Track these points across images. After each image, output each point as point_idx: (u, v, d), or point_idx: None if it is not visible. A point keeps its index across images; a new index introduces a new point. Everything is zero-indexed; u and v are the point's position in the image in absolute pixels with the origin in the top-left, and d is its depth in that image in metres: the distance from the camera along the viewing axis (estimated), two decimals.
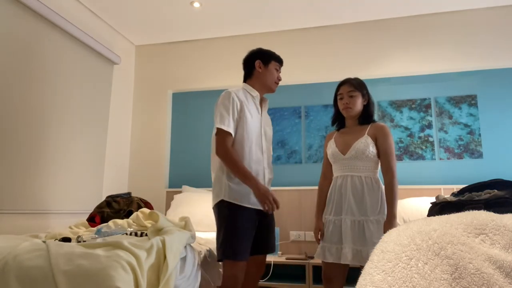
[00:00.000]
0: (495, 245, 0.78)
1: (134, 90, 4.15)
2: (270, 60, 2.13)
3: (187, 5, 3.45)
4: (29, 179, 2.69)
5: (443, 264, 0.72)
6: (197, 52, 4.06)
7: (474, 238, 0.79)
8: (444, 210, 1.83)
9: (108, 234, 1.87)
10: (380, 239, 0.84)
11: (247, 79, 2.14)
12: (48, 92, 2.90)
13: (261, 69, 2.10)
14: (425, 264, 0.72)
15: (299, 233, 3.38)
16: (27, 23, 2.74)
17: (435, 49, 3.51)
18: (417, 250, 0.75)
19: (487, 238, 0.79)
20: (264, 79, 2.11)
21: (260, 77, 2.11)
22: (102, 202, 2.53)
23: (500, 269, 0.72)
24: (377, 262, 0.74)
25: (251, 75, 2.12)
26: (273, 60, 2.14)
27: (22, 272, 1.37)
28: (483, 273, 0.70)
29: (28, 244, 1.50)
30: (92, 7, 3.45)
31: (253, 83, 2.11)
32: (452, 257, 0.73)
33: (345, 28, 3.74)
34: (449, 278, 0.70)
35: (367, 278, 0.71)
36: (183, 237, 1.88)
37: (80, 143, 3.22)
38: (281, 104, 3.76)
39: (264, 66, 2.11)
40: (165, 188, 3.82)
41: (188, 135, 3.94)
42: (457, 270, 0.71)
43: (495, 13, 3.45)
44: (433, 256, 0.73)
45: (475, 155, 3.28)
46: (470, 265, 0.72)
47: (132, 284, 1.37)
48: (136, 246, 1.53)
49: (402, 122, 3.46)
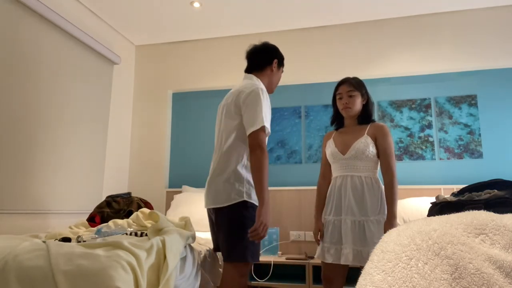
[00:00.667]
0: (495, 245, 0.78)
1: (134, 90, 4.15)
2: (282, 64, 2.13)
3: (187, 5, 3.45)
4: (29, 179, 2.69)
5: (443, 264, 0.72)
6: (197, 52, 4.06)
7: (474, 238, 0.79)
8: (444, 210, 1.83)
9: (108, 234, 1.87)
10: (380, 239, 0.84)
11: (254, 71, 2.05)
12: (48, 92, 2.90)
13: (275, 69, 2.07)
14: (425, 264, 0.72)
15: (299, 233, 3.38)
16: (27, 23, 2.74)
17: (435, 49, 3.51)
18: (417, 250, 0.75)
19: (487, 238, 0.79)
20: (273, 80, 2.09)
21: (271, 76, 2.07)
22: (102, 202, 2.53)
23: (500, 269, 0.72)
24: (377, 262, 0.74)
25: (261, 69, 2.05)
26: (283, 66, 2.15)
27: (22, 272, 1.37)
28: (483, 273, 0.70)
29: (28, 244, 1.50)
30: (92, 7, 3.45)
31: (262, 78, 2.04)
32: (452, 257, 0.73)
33: (345, 28, 3.74)
34: (449, 278, 0.70)
35: (367, 278, 0.71)
36: (183, 237, 1.88)
37: (80, 143, 3.22)
38: (281, 104, 3.76)
39: (278, 67, 2.09)
40: (165, 188, 3.82)
41: (188, 135, 3.94)
42: (457, 270, 0.71)
43: (495, 13, 3.45)
44: (433, 256, 0.73)
45: (475, 155, 3.28)
46: (470, 265, 0.72)
47: (132, 284, 1.37)
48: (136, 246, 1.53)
49: (402, 122, 3.46)
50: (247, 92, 1.88)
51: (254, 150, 1.80)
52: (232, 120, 1.92)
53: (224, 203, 1.85)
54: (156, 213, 2.05)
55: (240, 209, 1.84)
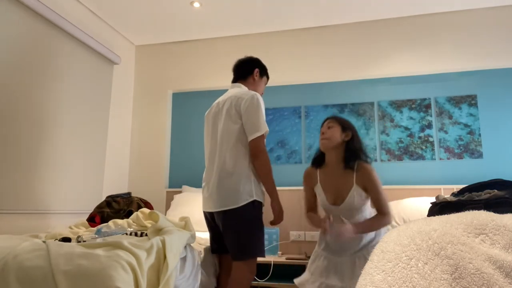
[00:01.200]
0: (495, 245, 0.78)
1: (134, 90, 4.15)
2: (265, 74, 2.32)
3: (187, 5, 3.45)
4: (29, 179, 2.69)
5: (443, 264, 0.72)
6: (197, 52, 4.06)
7: (474, 238, 0.79)
8: (444, 210, 1.83)
9: (108, 234, 1.87)
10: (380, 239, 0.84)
11: (240, 80, 2.26)
12: (47, 92, 2.90)
13: (257, 78, 2.26)
14: (425, 264, 0.72)
15: (299, 233, 3.38)
16: (27, 23, 2.74)
17: (435, 49, 3.51)
18: (417, 250, 0.75)
19: (487, 238, 0.79)
20: (257, 89, 2.26)
21: (254, 84, 2.26)
22: (102, 202, 2.53)
23: (500, 269, 0.72)
24: (377, 262, 0.74)
25: (245, 78, 2.26)
26: (266, 75, 2.33)
27: (22, 272, 1.37)
28: (483, 273, 0.70)
29: (28, 244, 1.50)
30: (92, 7, 3.45)
31: (247, 86, 2.24)
32: (452, 257, 0.73)
33: (345, 28, 3.74)
34: (449, 278, 0.70)
35: (367, 278, 0.71)
36: (183, 237, 1.88)
37: (80, 143, 3.22)
38: (281, 104, 3.76)
39: (260, 76, 2.29)
40: (165, 188, 3.82)
41: (188, 135, 3.94)
42: (457, 270, 0.71)
43: (495, 13, 3.45)
44: (433, 256, 0.73)
45: (475, 155, 3.27)
46: (470, 265, 0.72)
47: (132, 284, 1.37)
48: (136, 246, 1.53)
49: (402, 122, 3.46)
50: (247, 99, 2.04)
51: (259, 155, 1.98)
52: (234, 123, 2.03)
53: (238, 204, 1.96)
54: (156, 213, 2.05)
55: (250, 208, 1.97)
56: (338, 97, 3.65)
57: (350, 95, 3.63)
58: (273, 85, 3.82)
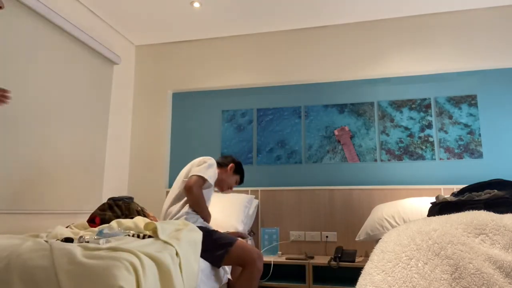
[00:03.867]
0: (495, 245, 0.78)
1: (134, 90, 4.16)
2: (238, 174, 2.69)
3: (187, 5, 3.45)
4: (29, 179, 2.69)
5: (443, 264, 0.72)
6: (197, 52, 4.06)
7: (474, 238, 0.80)
8: (444, 210, 1.83)
9: (110, 235, 1.86)
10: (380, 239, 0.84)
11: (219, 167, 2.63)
12: (47, 92, 2.90)
13: (229, 172, 2.63)
14: (425, 264, 0.72)
15: (299, 233, 3.39)
16: (27, 22, 2.74)
17: (435, 49, 3.51)
18: (417, 250, 0.75)
19: (487, 238, 0.80)
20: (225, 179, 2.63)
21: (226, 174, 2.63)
22: (103, 204, 2.52)
23: (500, 269, 0.72)
24: (377, 262, 0.75)
25: (221, 167, 2.63)
26: (240, 176, 2.70)
27: (25, 272, 1.37)
28: (483, 273, 0.71)
29: (31, 243, 1.50)
30: (92, 7, 3.45)
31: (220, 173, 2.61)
32: (452, 257, 0.73)
33: (345, 28, 3.74)
34: (449, 278, 0.71)
35: (367, 278, 0.72)
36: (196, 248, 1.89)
37: (80, 143, 3.22)
38: (281, 104, 3.76)
39: (233, 173, 2.66)
40: (165, 188, 3.83)
41: (188, 135, 3.94)
42: (457, 270, 0.72)
43: (495, 13, 3.45)
44: (433, 256, 0.74)
45: (475, 155, 3.28)
46: (470, 265, 0.72)
47: (135, 285, 1.37)
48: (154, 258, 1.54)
49: (402, 122, 3.47)
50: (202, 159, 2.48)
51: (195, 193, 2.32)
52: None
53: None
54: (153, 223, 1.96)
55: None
56: (338, 97, 3.65)
57: (350, 95, 3.63)
58: (273, 85, 3.82)
